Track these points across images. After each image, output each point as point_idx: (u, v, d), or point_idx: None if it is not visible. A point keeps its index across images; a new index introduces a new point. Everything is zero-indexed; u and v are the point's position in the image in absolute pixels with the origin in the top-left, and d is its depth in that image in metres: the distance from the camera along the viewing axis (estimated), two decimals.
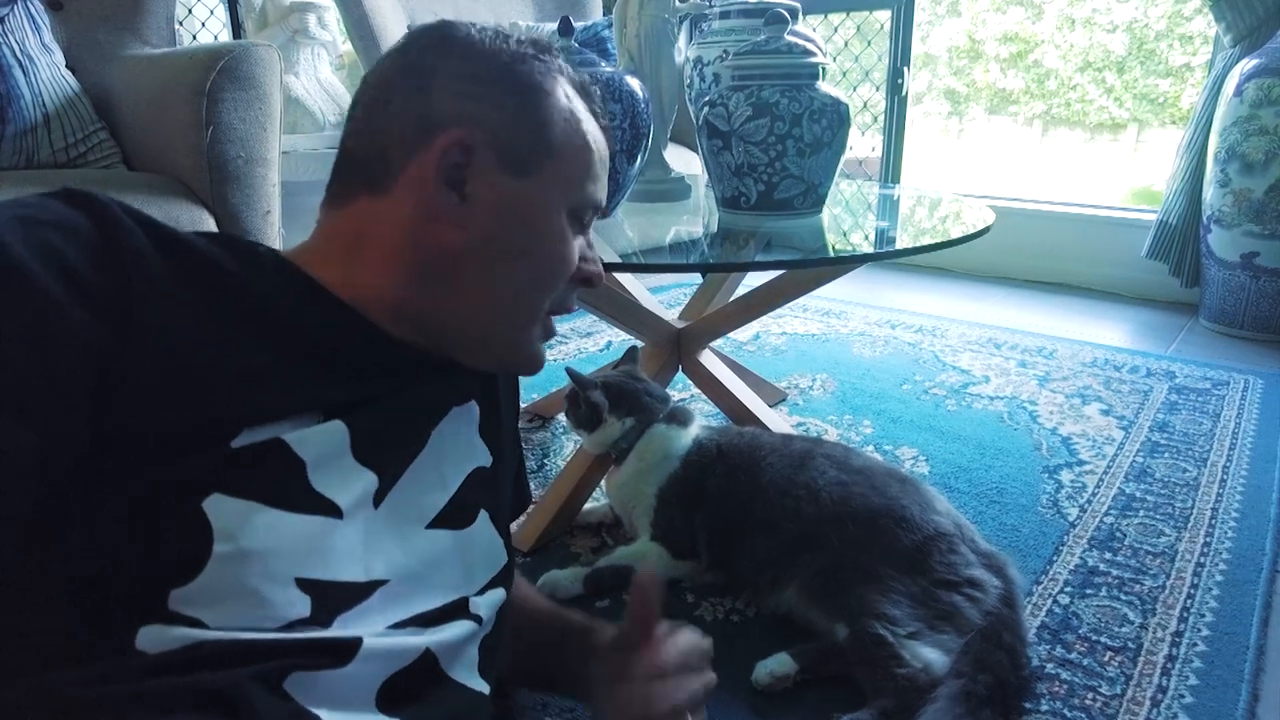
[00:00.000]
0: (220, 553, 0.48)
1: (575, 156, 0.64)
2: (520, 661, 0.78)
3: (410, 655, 0.56)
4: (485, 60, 0.62)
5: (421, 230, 0.60)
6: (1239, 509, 1.30)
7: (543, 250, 0.63)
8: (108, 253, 0.48)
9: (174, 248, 0.52)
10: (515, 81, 0.62)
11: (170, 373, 0.49)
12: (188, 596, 0.47)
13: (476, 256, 0.61)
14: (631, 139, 1.16)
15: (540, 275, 0.64)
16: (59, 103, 1.59)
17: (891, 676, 0.85)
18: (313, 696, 0.49)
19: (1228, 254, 2.24)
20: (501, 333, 0.65)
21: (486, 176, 0.60)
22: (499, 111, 0.61)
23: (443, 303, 0.61)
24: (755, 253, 1.16)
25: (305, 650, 0.50)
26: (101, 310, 0.47)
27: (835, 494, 1.02)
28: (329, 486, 0.54)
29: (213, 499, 0.48)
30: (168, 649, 0.46)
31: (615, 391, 1.19)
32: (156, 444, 0.48)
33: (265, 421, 0.52)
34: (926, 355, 2.06)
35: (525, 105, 0.62)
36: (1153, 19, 5.78)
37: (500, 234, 0.61)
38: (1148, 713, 0.88)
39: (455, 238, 0.60)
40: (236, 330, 0.53)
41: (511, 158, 0.61)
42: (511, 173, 0.61)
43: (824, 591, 0.96)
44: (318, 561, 0.52)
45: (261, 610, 0.49)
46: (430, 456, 0.63)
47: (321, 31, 3.22)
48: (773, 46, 1.20)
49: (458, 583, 0.63)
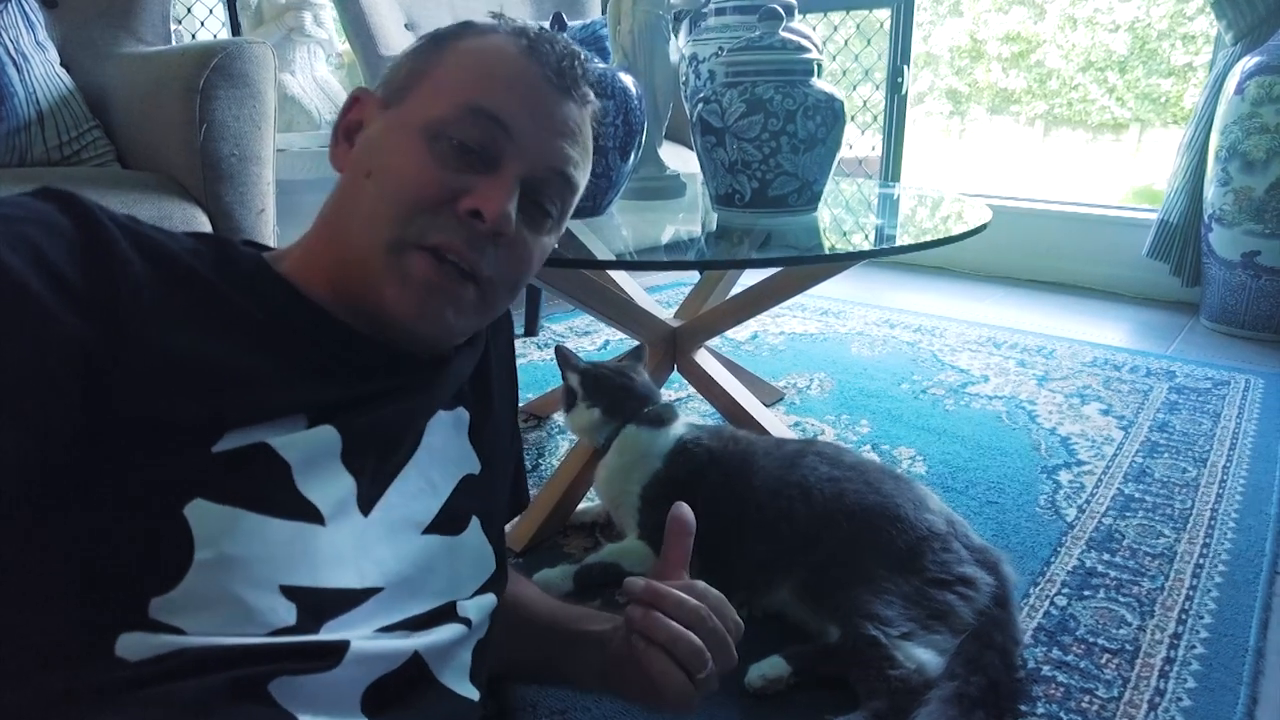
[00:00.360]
0: (202, 560, 0.47)
1: (455, 75, 0.60)
2: (522, 656, 0.77)
3: (398, 659, 0.55)
4: (430, 35, 0.64)
5: (332, 195, 0.62)
6: (1239, 510, 1.29)
7: (389, 166, 0.58)
8: (92, 254, 0.48)
9: (154, 252, 0.51)
10: (429, 37, 0.63)
11: (153, 377, 0.48)
12: (168, 605, 0.46)
13: (348, 193, 0.61)
14: (625, 135, 1.15)
15: (389, 191, 0.57)
16: (53, 100, 1.58)
17: (884, 678, 0.84)
18: (297, 700, 0.48)
19: (1229, 253, 2.22)
20: (376, 268, 0.57)
21: (368, 119, 0.62)
22: (398, 66, 0.62)
23: (335, 251, 0.59)
24: (750, 250, 1.15)
25: (291, 654, 0.49)
26: (86, 311, 0.46)
27: (828, 492, 1.01)
28: (313, 491, 0.53)
29: (194, 504, 0.48)
30: (147, 657, 0.45)
31: (591, 379, 1.19)
32: (138, 448, 0.47)
33: (248, 425, 0.51)
34: (925, 355, 2.05)
35: (421, 48, 0.62)
36: (1155, 19, 5.77)
37: (358, 163, 0.61)
38: (1145, 716, 0.87)
39: (340, 182, 0.62)
40: (217, 335, 0.52)
41: (387, 95, 0.62)
42: (382, 105, 0.62)
43: (817, 592, 0.95)
44: (304, 568, 0.51)
45: (245, 618, 0.48)
46: (421, 462, 0.62)
47: (317, 29, 3.22)
48: (766, 43, 1.19)
49: (446, 588, 0.62)
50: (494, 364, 0.76)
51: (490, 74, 0.60)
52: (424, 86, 0.60)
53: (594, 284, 1.33)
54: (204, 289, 0.53)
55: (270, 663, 0.48)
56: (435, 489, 0.63)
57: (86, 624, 0.46)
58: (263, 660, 0.48)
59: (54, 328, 0.45)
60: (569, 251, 1.06)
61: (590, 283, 1.31)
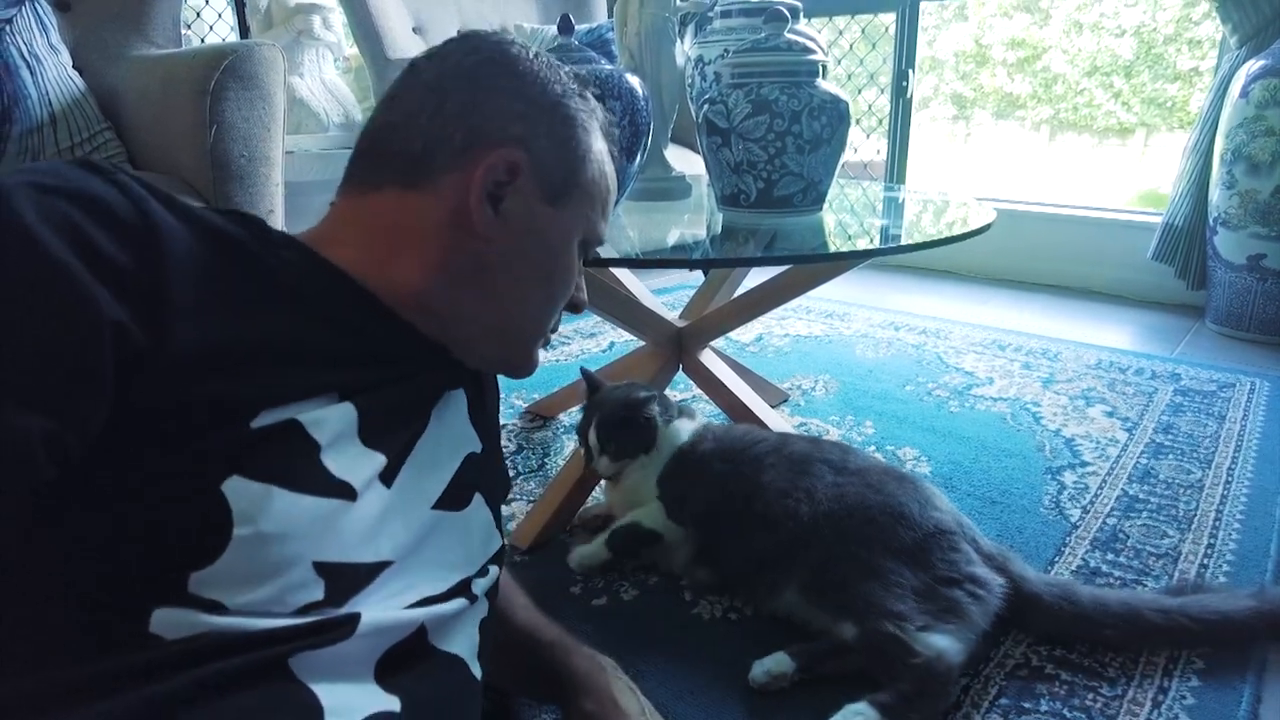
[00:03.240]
0: (240, 536, 0.48)
1: (597, 195, 0.69)
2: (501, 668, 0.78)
3: (405, 629, 0.56)
4: (540, 88, 0.65)
5: (454, 234, 0.62)
6: (1244, 511, 1.29)
7: (560, 275, 0.68)
8: (138, 230, 0.47)
9: (200, 226, 0.51)
10: (564, 114, 0.66)
11: (197, 355, 0.48)
12: (208, 579, 0.47)
13: (504, 270, 0.64)
14: (631, 136, 1.16)
15: (554, 296, 0.69)
16: (65, 102, 1.60)
17: (907, 666, 0.85)
18: (314, 672, 0.49)
19: (1234, 256, 2.22)
20: (513, 342, 0.69)
21: (522, 197, 0.64)
22: (546, 140, 0.64)
23: (466, 305, 0.64)
24: (755, 250, 1.16)
25: (310, 631, 0.50)
26: (130, 293, 0.45)
27: (831, 493, 1.01)
28: (341, 468, 0.54)
29: (232, 481, 0.48)
30: (181, 636, 0.46)
31: (662, 400, 1.19)
32: (177, 426, 0.47)
33: (284, 402, 0.52)
34: (930, 357, 2.05)
35: (569, 139, 0.66)
36: (1161, 23, 5.76)
37: (527, 254, 0.65)
38: (1148, 713, 0.88)
39: (484, 248, 0.63)
40: (260, 310, 0.53)
41: (548, 185, 0.65)
42: (545, 199, 0.65)
43: (825, 590, 0.96)
44: (333, 544, 0.52)
45: (280, 593, 0.49)
46: (430, 439, 0.64)
47: (326, 33, 3.24)
48: (772, 44, 1.20)
49: (459, 563, 0.64)
50: None
51: (609, 207, 0.71)
52: (577, 199, 0.67)
53: (600, 284, 1.33)
54: (249, 262, 0.53)
55: (291, 642, 0.49)
56: (442, 465, 0.65)
57: (121, 600, 0.46)
58: (285, 640, 0.49)
59: (93, 312, 0.43)
60: None
61: (596, 282, 1.32)
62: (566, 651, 0.78)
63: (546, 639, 0.80)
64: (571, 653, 0.78)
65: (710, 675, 0.94)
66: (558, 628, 0.82)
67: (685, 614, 1.05)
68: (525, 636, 0.80)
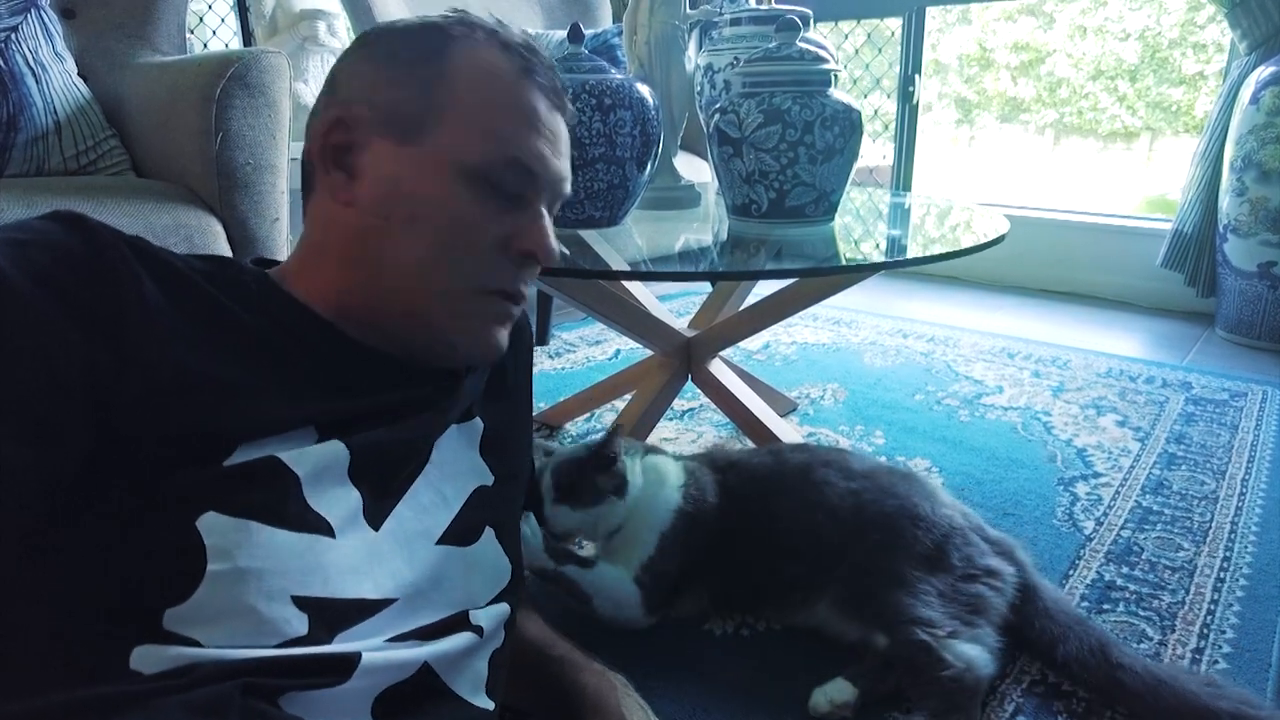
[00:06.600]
0: (215, 571, 0.47)
1: (477, 114, 0.59)
2: (510, 684, 0.77)
3: (409, 669, 0.55)
4: (388, 39, 0.62)
5: (329, 218, 0.61)
6: (1259, 523, 1.28)
7: (432, 215, 0.59)
8: (99, 273, 0.49)
9: (162, 270, 0.52)
10: (411, 50, 0.61)
11: (164, 392, 0.49)
12: (183, 616, 0.47)
13: (373, 232, 0.59)
14: (642, 146, 1.15)
15: (439, 242, 0.59)
16: (70, 110, 1.59)
17: (937, 680, 0.85)
18: (309, 711, 0.49)
19: (1244, 263, 2.21)
20: (432, 311, 0.61)
21: (372, 149, 0.59)
22: (387, 82, 0.60)
23: (368, 289, 0.60)
24: (765, 261, 1.14)
25: (304, 668, 0.49)
26: (93, 327, 0.47)
27: (849, 503, 1.00)
28: (322, 504, 0.54)
29: (207, 517, 0.48)
30: (163, 669, 0.46)
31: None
32: (150, 463, 0.48)
33: (259, 438, 0.52)
34: (939, 365, 2.04)
35: (415, 68, 0.60)
36: (1165, 27, 5.75)
37: (386, 204, 0.59)
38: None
39: (350, 216, 0.59)
40: (226, 351, 0.53)
41: (396, 125, 0.59)
42: (396, 140, 0.59)
43: (857, 603, 0.95)
44: (316, 579, 0.52)
45: (258, 629, 0.49)
46: (431, 476, 0.63)
47: (331, 39, 3.23)
48: (784, 53, 1.19)
49: (460, 598, 0.62)
50: (513, 372, 0.76)
51: (509, 111, 0.61)
52: (445, 123, 0.59)
53: (609, 293, 1.32)
54: (212, 306, 0.54)
55: (283, 676, 0.48)
56: (447, 502, 0.64)
57: (101, 637, 0.46)
58: (276, 672, 0.48)
59: (61, 344, 0.46)
60: (585, 262, 1.06)
61: (605, 292, 1.31)
62: (576, 668, 0.77)
63: (556, 655, 0.79)
64: (581, 669, 0.77)
65: (723, 692, 0.92)
66: (567, 643, 0.81)
67: (697, 630, 1.04)
68: (535, 652, 0.79)
